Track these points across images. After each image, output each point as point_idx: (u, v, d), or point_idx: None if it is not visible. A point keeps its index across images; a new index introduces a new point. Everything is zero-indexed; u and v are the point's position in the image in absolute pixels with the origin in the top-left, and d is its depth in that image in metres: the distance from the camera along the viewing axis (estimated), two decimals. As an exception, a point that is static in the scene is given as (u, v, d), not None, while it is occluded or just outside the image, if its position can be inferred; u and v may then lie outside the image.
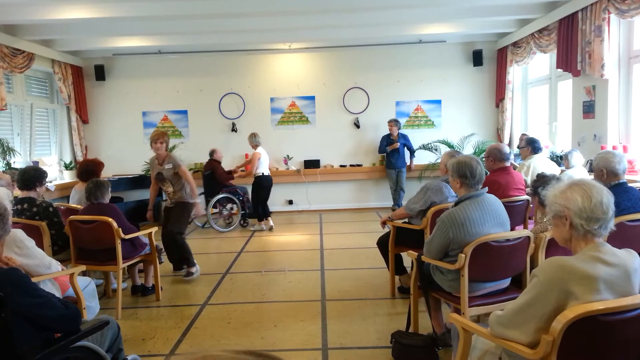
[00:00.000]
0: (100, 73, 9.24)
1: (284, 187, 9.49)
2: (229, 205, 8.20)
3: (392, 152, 8.88)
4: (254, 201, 7.97)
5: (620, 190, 3.41)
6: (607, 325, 1.82)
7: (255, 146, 7.83)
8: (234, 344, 3.67)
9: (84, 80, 9.21)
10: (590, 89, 6.35)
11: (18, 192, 4.60)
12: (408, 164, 9.11)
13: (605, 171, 3.47)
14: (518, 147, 7.09)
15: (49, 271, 3.16)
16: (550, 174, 3.58)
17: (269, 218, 8.06)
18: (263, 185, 7.82)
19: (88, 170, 5.14)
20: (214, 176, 8.03)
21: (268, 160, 8.01)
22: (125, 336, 3.56)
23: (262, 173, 7.78)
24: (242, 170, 8.55)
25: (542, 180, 3.47)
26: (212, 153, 8.28)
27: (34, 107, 8.14)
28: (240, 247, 6.82)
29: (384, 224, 4.61)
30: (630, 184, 3.60)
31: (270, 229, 7.98)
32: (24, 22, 6.91)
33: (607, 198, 1.92)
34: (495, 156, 4.65)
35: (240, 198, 8.10)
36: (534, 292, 1.90)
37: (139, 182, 9.02)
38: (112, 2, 6.44)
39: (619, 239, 2.81)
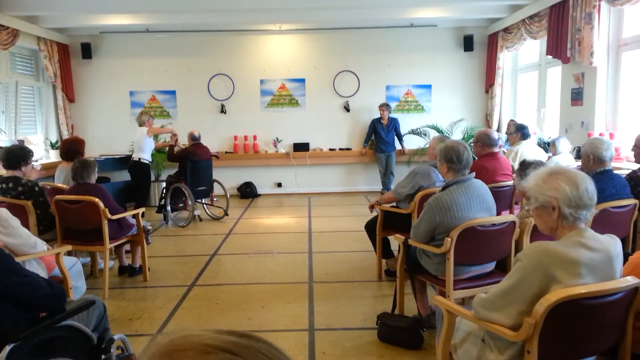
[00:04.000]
0: (87, 51, 9.07)
1: (273, 169, 9.47)
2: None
3: (381, 136, 8.90)
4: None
5: (605, 177, 3.46)
6: (588, 308, 1.86)
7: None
8: (221, 325, 3.69)
9: (70, 58, 9.04)
10: (579, 76, 6.38)
11: (3, 171, 4.53)
12: (399, 148, 9.13)
13: (592, 157, 3.51)
14: (506, 133, 7.13)
15: (34, 251, 3.14)
16: (533, 160, 3.55)
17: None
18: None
19: (72, 149, 5.08)
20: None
21: (139, 141, 6.85)
22: (112, 316, 3.56)
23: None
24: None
25: (522, 168, 3.45)
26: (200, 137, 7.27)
27: (19, 85, 7.99)
28: (228, 229, 6.82)
29: (372, 207, 4.63)
30: (615, 171, 3.65)
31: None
32: (8, -3, 6.76)
33: (592, 184, 1.95)
34: (484, 141, 4.68)
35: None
36: (518, 276, 1.93)
37: (126, 162, 8.93)
38: (99, -21, 6.32)
39: (603, 224, 2.87)
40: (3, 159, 4.33)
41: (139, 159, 6.89)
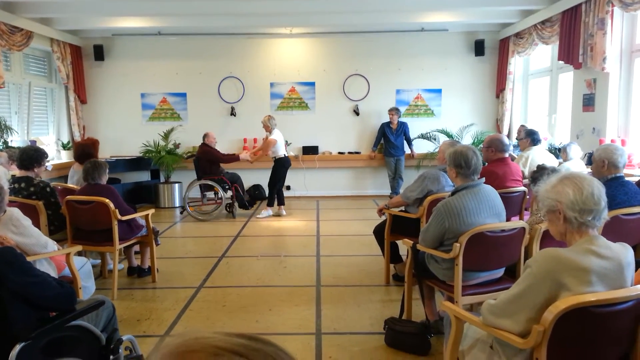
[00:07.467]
0: (99, 53, 9.16)
1: (281, 172, 9.49)
2: (208, 193, 7.87)
3: (390, 140, 8.90)
4: (271, 185, 7.74)
5: (616, 183, 3.43)
6: (598, 316, 1.84)
7: (271, 130, 7.61)
8: (228, 327, 3.70)
9: (82, 60, 9.13)
10: (591, 82, 6.33)
11: (16, 171, 4.59)
12: (408, 152, 9.12)
13: (606, 162, 3.48)
14: (517, 139, 7.09)
15: (45, 250, 3.17)
16: (550, 166, 3.58)
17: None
18: (285, 166, 7.73)
19: (85, 153, 5.12)
20: (204, 160, 7.64)
21: (283, 141, 7.88)
22: (120, 317, 3.58)
23: (284, 155, 7.72)
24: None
25: (540, 172, 3.47)
26: (205, 137, 7.88)
27: (32, 86, 8.09)
28: (237, 231, 6.84)
29: (380, 211, 4.62)
30: (627, 178, 3.62)
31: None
32: (22, -1, 6.84)
33: (598, 189, 1.93)
34: (496, 147, 4.64)
35: (227, 186, 7.71)
36: (527, 282, 1.92)
37: (136, 163, 9.01)
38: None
39: (614, 232, 2.83)
40: (18, 159, 4.38)
41: (284, 155, 7.77)
